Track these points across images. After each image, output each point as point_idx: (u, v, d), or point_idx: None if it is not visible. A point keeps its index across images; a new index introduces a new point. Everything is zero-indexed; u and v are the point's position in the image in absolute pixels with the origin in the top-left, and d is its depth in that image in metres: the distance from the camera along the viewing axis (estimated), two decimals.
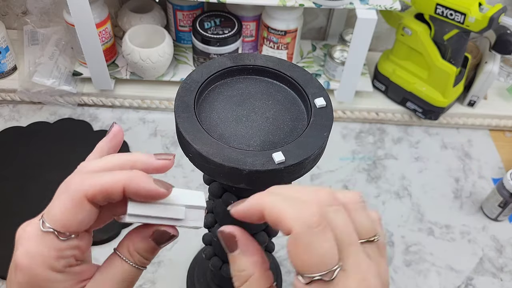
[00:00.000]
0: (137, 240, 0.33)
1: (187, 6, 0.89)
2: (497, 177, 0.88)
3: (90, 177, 0.30)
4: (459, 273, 0.74)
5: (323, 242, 0.25)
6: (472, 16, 0.76)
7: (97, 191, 0.30)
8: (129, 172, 0.30)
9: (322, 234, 0.25)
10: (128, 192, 0.30)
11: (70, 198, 0.30)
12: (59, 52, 0.89)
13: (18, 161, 0.81)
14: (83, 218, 0.30)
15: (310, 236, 0.25)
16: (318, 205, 0.27)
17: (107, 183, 0.30)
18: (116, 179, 0.30)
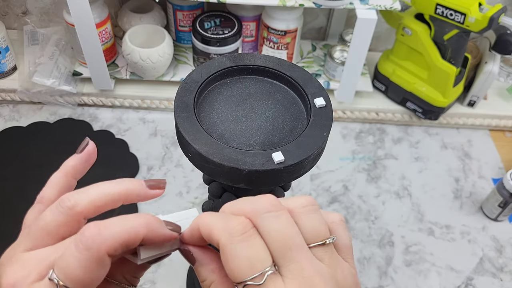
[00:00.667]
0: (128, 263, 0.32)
1: (187, 6, 0.89)
2: (497, 177, 0.88)
3: (108, 227, 0.27)
4: (459, 273, 0.74)
5: (248, 248, 0.26)
6: (472, 16, 0.76)
7: (119, 244, 0.27)
8: (145, 219, 0.28)
9: (246, 241, 0.26)
10: (146, 241, 0.28)
11: (91, 256, 0.26)
12: (59, 52, 0.89)
13: (18, 161, 0.81)
14: (103, 273, 0.27)
15: (234, 244, 0.26)
16: (250, 214, 0.27)
17: (129, 235, 0.27)
18: (137, 229, 0.27)
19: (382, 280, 0.72)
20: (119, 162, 0.82)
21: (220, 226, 0.27)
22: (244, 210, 0.27)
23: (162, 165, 0.83)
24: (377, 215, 0.80)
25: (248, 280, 0.25)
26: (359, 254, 0.75)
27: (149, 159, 0.84)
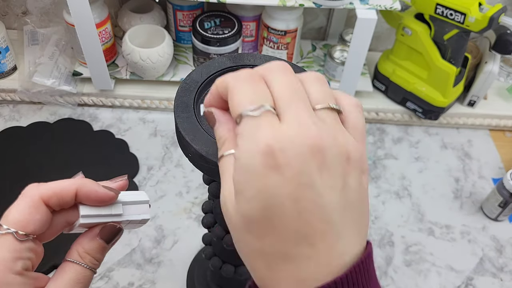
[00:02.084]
0: (86, 242, 0.34)
1: (187, 6, 0.89)
2: (497, 177, 0.88)
3: (44, 183, 0.33)
4: (459, 273, 0.74)
5: (250, 86, 0.27)
6: (472, 16, 0.76)
7: (52, 194, 0.32)
8: (81, 179, 0.33)
9: (250, 82, 0.27)
10: (80, 196, 0.33)
11: (27, 200, 0.32)
12: (59, 52, 0.89)
13: (18, 161, 0.81)
14: (40, 219, 0.32)
15: (239, 82, 0.27)
16: (261, 70, 0.28)
17: (61, 187, 0.33)
18: (70, 183, 0.33)
19: (382, 280, 0.72)
20: (119, 162, 0.82)
21: (233, 75, 0.28)
22: (257, 69, 0.29)
23: (162, 165, 0.83)
24: (377, 215, 0.80)
25: (245, 111, 0.26)
26: None
27: (149, 159, 0.84)
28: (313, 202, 0.25)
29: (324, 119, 0.27)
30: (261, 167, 0.25)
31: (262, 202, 0.25)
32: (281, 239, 0.26)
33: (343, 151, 0.27)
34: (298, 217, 0.25)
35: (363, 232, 0.28)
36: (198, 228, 0.76)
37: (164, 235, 0.74)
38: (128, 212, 0.35)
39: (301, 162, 0.25)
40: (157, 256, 0.72)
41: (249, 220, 0.26)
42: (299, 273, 0.26)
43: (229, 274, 0.55)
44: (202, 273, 0.67)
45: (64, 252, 0.35)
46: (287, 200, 0.25)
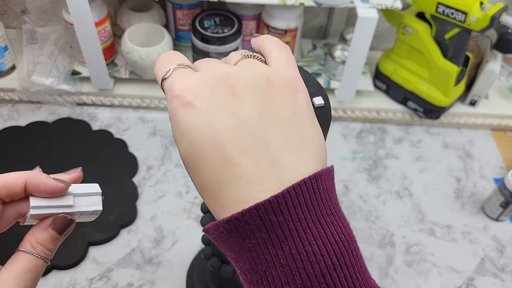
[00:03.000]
0: (38, 233, 0.34)
1: (187, 5, 0.88)
2: (498, 177, 0.88)
3: None
4: (460, 273, 0.74)
5: (164, 58, 0.31)
6: (473, 15, 0.75)
7: (1, 184, 0.33)
8: (31, 171, 0.34)
9: (164, 57, 0.32)
10: (30, 187, 0.33)
11: None
12: (58, 51, 0.89)
13: (17, 161, 0.80)
14: None
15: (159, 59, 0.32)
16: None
17: (9, 179, 0.33)
18: (18, 175, 0.33)
19: (382, 281, 0.72)
20: (118, 162, 0.82)
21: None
22: None
23: (161, 164, 0.83)
24: (377, 215, 0.80)
25: (161, 77, 0.30)
26: None
27: (149, 159, 0.84)
28: (229, 121, 0.27)
29: (242, 63, 0.30)
30: (176, 109, 0.28)
31: (186, 139, 0.28)
32: (211, 167, 0.27)
33: (258, 76, 0.29)
34: (218, 140, 0.27)
35: (307, 151, 0.28)
36: (197, 228, 0.75)
37: (163, 235, 0.74)
38: (80, 204, 0.36)
39: (211, 92, 0.27)
40: (157, 257, 0.72)
41: (185, 160, 0.28)
42: (235, 194, 0.27)
43: (228, 274, 0.55)
44: (201, 274, 0.67)
45: None
46: (204, 126, 0.27)
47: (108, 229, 0.73)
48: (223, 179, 0.27)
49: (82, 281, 0.68)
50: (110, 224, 0.73)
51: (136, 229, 0.74)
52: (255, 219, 0.26)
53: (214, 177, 0.27)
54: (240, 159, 0.27)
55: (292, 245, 0.26)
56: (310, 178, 0.27)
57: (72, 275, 0.69)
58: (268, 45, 0.32)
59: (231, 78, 0.28)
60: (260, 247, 0.26)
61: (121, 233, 0.74)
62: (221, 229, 0.27)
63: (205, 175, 0.28)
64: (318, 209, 0.27)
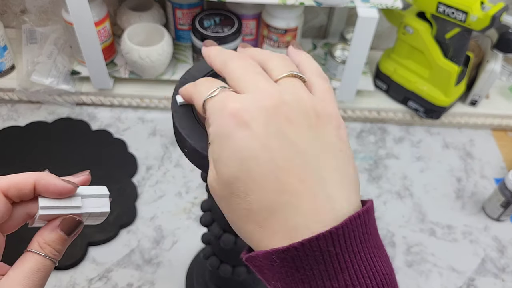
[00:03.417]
0: (46, 233, 0.34)
1: (187, 5, 0.88)
2: (499, 177, 0.87)
3: (4, 176, 0.34)
4: (461, 273, 0.74)
5: (205, 82, 0.31)
6: (474, 14, 0.75)
7: (11, 185, 0.33)
8: (40, 172, 0.34)
9: (204, 81, 0.31)
10: (39, 188, 0.33)
11: None
12: (58, 51, 0.89)
13: (16, 161, 0.80)
14: (2, 209, 0.33)
15: (195, 87, 0.32)
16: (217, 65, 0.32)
17: (19, 179, 0.33)
18: (28, 176, 0.33)
19: None
20: (117, 162, 0.82)
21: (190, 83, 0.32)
22: (216, 69, 0.32)
23: (161, 164, 0.83)
24: (378, 215, 0.80)
25: (205, 96, 0.29)
26: None
27: (148, 159, 0.83)
28: (287, 149, 0.27)
29: (286, 83, 0.29)
30: (230, 128, 0.27)
31: (238, 160, 0.27)
32: (264, 192, 0.27)
33: (309, 106, 0.28)
34: (275, 166, 0.26)
35: (352, 185, 0.29)
36: (197, 229, 0.75)
37: (163, 235, 0.74)
38: (88, 205, 0.36)
39: (267, 116, 0.27)
40: (156, 257, 0.71)
41: (231, 182, 0.27)
42: (289, 222, 0.26)
43: (226, 273, 0.55)
44: (201, 274, 0.67)
45: None
46: (261, 151, 0.26)
47: (108, 229, 0.73)
48: (277, 206, 0.27)
49: (81, 281, 0.68)
50: (110, 224, 0.73)
51: (136, 229, 0.74)
52: (315, 250, 0.26)
53: (266, 203, 0.27)
54: (297, 188, 0.26)
55: (348, 277, 0.26)
56: (362, 211, 0.27)
57: (72, 275, 0.69)
58: (309, 70, 0.31)
59: (284, 104, 0.28)
60: (315, 278, 0.26)
61: (120, 233, 0.73)
62: (274, 257, 0.26)
63: (256, 199, 0.27)
64: (369, 242, 0.28)
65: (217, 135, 0.28)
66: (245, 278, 0.56)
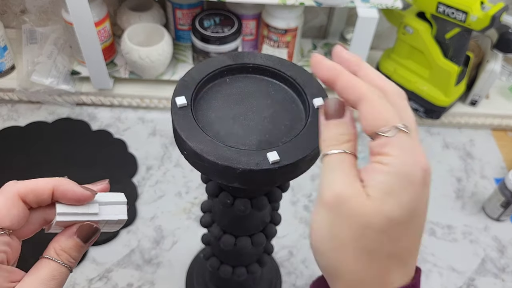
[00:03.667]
0: (63, 240, 0.34)
1: (187, 5, 0.88)
2: (499, 177, 0.87)
3: (22, 181, 0.34)
4: (461, 273, 0.74)
5: (387, 104, 0.30)
6: (474, 14, 0.75)
7: (29, 190, 0.33)
8: (59, 178, 0.34)
9: (385, 101, 0.30)
10: (57, 194, 0.33)
11: (4, 196, 0.33)
12: (58, 51, 0.89)
13: (16, 161, 0.80)
14: (17, 214, 0.33)
15: (378, 98, 0.30)
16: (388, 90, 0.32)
17: (38, 184, 0.33)
18: (47, 181, 0.34)
19: None
20: (117, 162, 0.82)
21: (365, 87, 0.31)
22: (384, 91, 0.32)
23: (161, 164, 0.83)
24: None
25: (398, 125, 0.29)
26: None
27: (148, 159, 0.83)
28: (425, 213, 0.31)
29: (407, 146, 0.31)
30: (421, 180, 0.29)
31: (412, 208, 0.29)
32: (412, 242, 0.30)
33: (423, 172, 0.30)
34: (423, 225, 0.31)
35: None
36: (197, 229, 0.75)
37: (163, 235, 0.74)
38: (105, 212, 0.36)
39: (427, 179, 0.30)
40: (156, 257, 0.71)
41: (394, 221, 0.28)
42: (398, 277, 0.30)
43: (226, 274, 0.55)
44: (201, 274, 0.67)
45: None
46: (424, 208, 0.30)
47: None
48: (407, 258, 0.30)
49: (81, 281, 0.68)
50: None
51: (136, 229, 0.74)
52: None
53: (406, 251, 0.30)
54: (417, 247, 0.31)
55: None
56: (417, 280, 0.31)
57: (72, 275, 0.69)
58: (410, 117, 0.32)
59: (427, 174, 0.30)
60: None
61: (120, 234, 0.73)
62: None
63: (402, 245, 0.29)
64: None
65: (406, 175, 0.29)
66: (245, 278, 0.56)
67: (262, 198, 0.45)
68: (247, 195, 0.44)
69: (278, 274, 0.70)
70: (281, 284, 0.69)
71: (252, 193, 0.44)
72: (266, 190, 0.45)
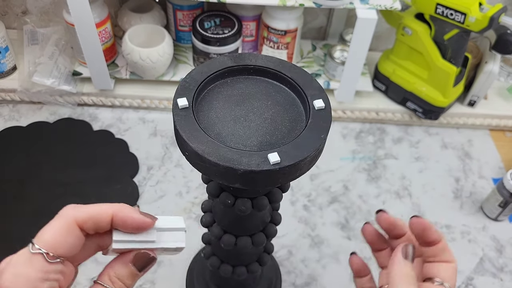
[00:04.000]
0: (118, 267, 0.34)
1: (187, 6, 0.89)
2: (497, 177, 0.88)
3: (82, 206, 0.33)
4: (459, 273, 0.74)
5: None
6: (472, 16, 0.76)
7: (88, 217, 0.32)
8: (119, 204, 0.33)
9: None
10: (116, 221, 0.33)
11: (61, 222, 0.32)
12: (59, 52, 0.89)
13: (18, 161, 0.81)
14: (72, 242, 0.32)
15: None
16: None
17: (97, 211, 0.32)
18: (107, 208, 0.33)
19: None
20: (118, 162, 0.82)
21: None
22: None
23: (162, 165, 0.83)
24: None
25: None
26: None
27: (149, 159, 0.84)
28: None
29: None
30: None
31: None
32: None
33: None
34: None
35: None
36: (198, 228, 0.75)
37: None
38: (163, 239, 0.34)
39: None
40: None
41: None
42: None
43: (227, 273, 0.55)
44: (201, 273, 0.67)
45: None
46: None
47: None
48: None
49: (82, 281, 0.68)
50: None
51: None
52: None
53: None
54: None
55: None
56: None
57: None
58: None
59: None
60: None
61: None
62: None
63: None
64: None
65: None
66: (246, 278, 0.57)
67: (263, 198, 0.45)
68: (248, 195, 0.45)
69: (278, 273, 0.70)
70: (281, 283, 0.70)
71: (252, 193, 0.45)
72: (266, 191, 0.46)
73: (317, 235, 0.77)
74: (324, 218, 0.79)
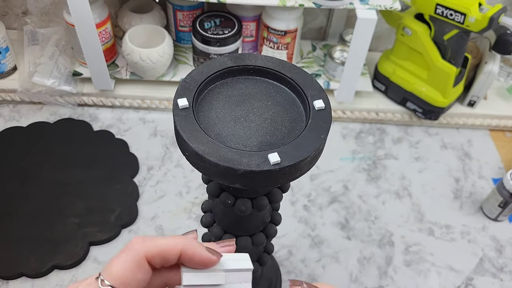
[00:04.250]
0: None
1: (187, 6, 0.89)
2: (497, 177, 0.88)
3: (150, 238, 0.32)
4: (459, 273, 0.74)
5: None
6: (472, 16, 0.76)
7: (157, 252, 0.31)
8: (186, 238, 0.32)
9: None
10: (184, 257, 0.32)
11: (131, 256, 0.31)
12: (59, 52, 0.89)
13: (18, 161, 0.81)
14: (141, 278, 0.31)
15: None
16: None
17: (167, 246, 0.32)
18: (175, 243, 0.32)
19: (382, 280, 0.72)
20: (119, 162, 0.82)
21: None
22: None
23: (162, 165, 0.83)
24: (377, 215, 0.80)
25: None
26: (359, 254, 0.75)
27: (149, 159, 0.84)
28: None
29: None
30: None
31: None
32: None
33: None
34: None
35: None
36: (198, 228, 0.75)
37: (164, 235, 0.74)
38: (230, 281, 0.34)
39: None
40: None
41: None
42: None
43: None
44: None
45: None
46: None
47: (109, 229, 0.73)
48: None
49: None
50: (111, 224, 0.74)
51: (137, 229, 0.75)
52: None
53: None
54: None
55: None
56: None
57: (74, 275, 0.69)
58: None
59: None
60: None
61: (122, 233, 0.74)
62: None
63: None
64: None
65: None
66: None
67: (263, 198, 0.45)
68: (248, 195, 0.45)
69: (278, 273, 0.70)
70: (281, 283, 0.70)
71: (252, 193, 0.45)
72: (266, 191, 0.46)
73: (317, 235, 0.77)
74: (324, 218, 0.79)
